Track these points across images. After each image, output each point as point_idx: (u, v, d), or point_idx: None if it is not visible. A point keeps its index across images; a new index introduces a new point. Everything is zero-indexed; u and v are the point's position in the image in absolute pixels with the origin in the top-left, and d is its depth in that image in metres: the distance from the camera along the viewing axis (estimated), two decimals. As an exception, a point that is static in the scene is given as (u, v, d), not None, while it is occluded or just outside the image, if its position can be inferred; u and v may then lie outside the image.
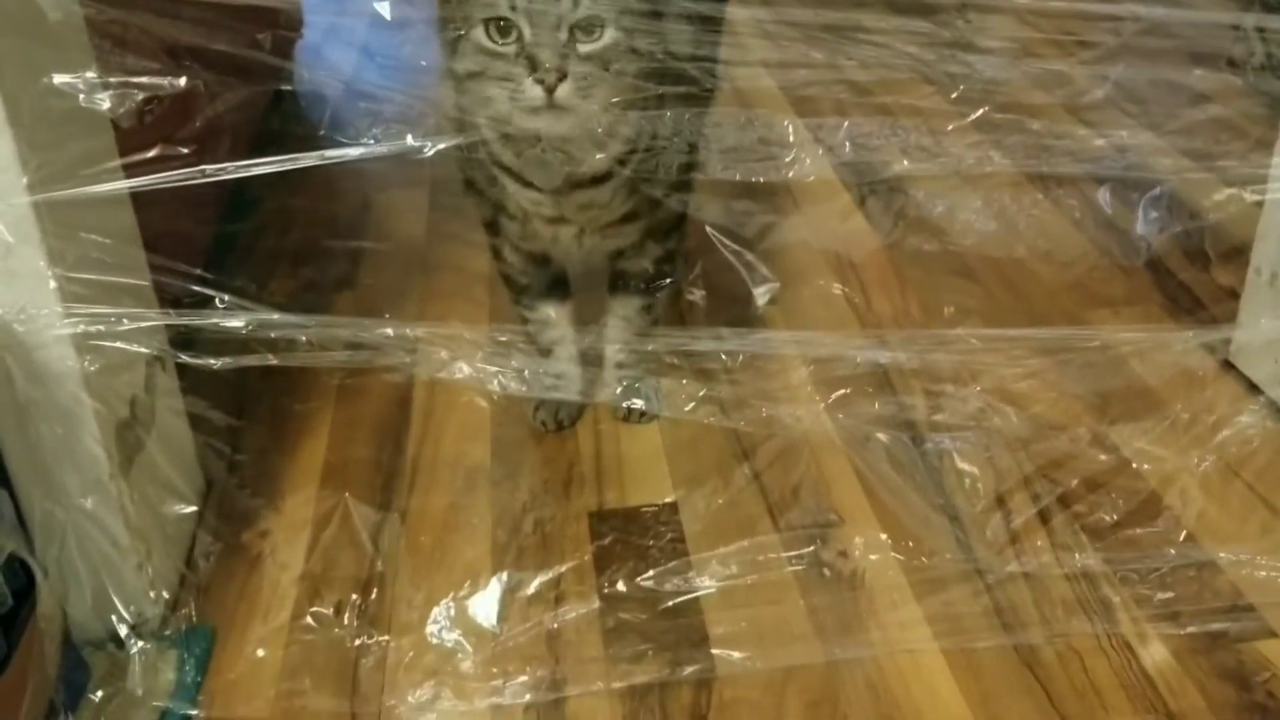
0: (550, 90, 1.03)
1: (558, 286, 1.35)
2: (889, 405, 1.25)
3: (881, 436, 1.20)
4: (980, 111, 1.05)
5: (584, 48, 1.04)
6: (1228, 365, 1.39)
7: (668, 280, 1.30)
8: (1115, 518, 1.18)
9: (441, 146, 0.99)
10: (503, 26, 1.03)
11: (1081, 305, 1.53)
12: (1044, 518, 1.19)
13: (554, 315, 1.34)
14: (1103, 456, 1.26)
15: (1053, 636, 1.06)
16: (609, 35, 1.04)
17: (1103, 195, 1.25)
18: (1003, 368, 1.20)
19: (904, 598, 1.10)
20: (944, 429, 1.23)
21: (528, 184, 1.16)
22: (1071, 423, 1.28)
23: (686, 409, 1.22)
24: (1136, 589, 1.10)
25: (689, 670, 1.04)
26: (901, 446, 1.21)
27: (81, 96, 0.91)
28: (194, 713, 1.03)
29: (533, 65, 1.02)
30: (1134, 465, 1.25)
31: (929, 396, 1.27)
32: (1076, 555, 1.14)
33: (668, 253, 1.29)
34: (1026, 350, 1.22)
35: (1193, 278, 1.56)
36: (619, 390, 1.32)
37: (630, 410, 1.35)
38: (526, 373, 1.14)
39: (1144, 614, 1.07)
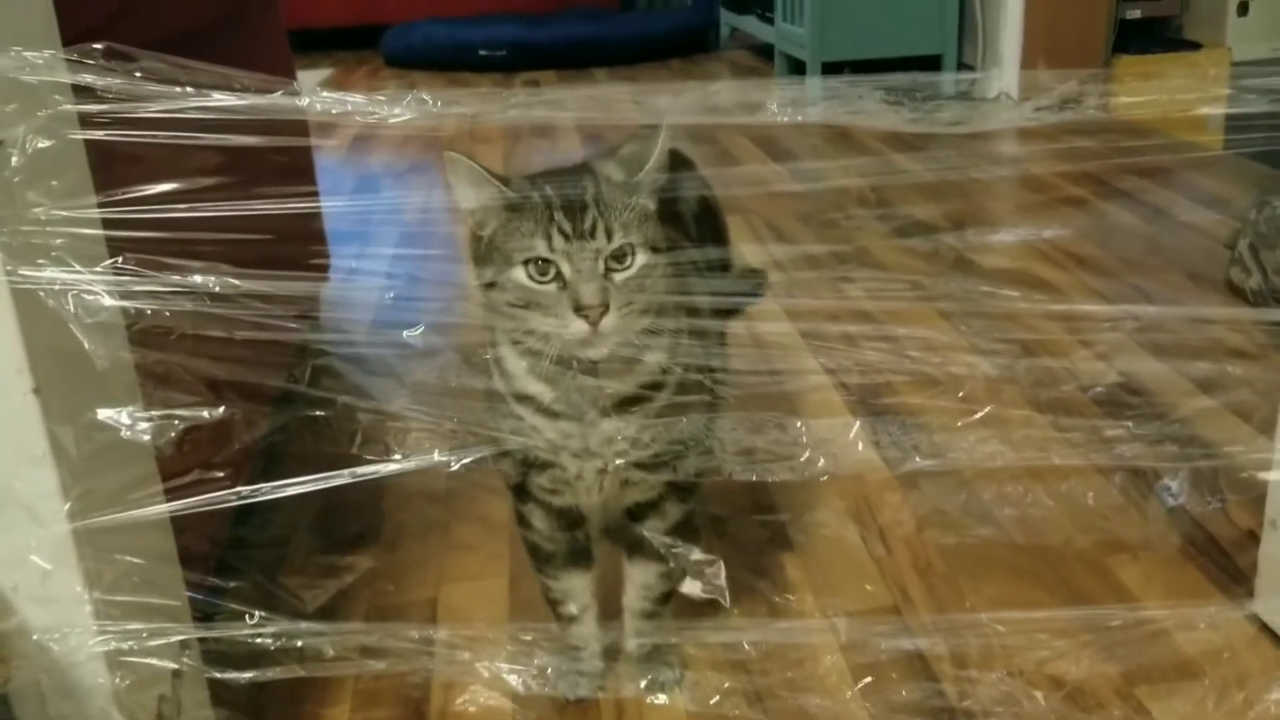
0: (595, 324, 1.07)
1: (581, 556, 1.35)
2: (917, 691, 1.23)
3: (911, 726, 1.18)
4: (986, 409, 1.08)
5: (619, 276, 1.09)
6: (1258, 623, 1.37)
7: (680, 554, 1.30)
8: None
9: (467, 461, 1.03)
10: (542, 266, 1.08)
11: (1100, 550, 1.52)
12: (1085, 806, 1.16)
13: (576, 584, 1.34)
14: (1139, 735, 1.23)
15: None
16: (640, 258, 1.09)
17: (1115, 483, 1.28)
18: (1029, 650, 1.19)
19: None
20: (975, 715, 1.21)
21: (554, 415, 1.19)
22: (1105, 701, 1.26)
23: (712, 701, 1.21)
24: None
25: None
26: (932, 735, 1.19)
27: (124, 430, 0.95)
28: None
29: (576, 304, 1.07)
30: (1172, 742, 1.22)
31: (958, 682, 1.25)
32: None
33: (686, 517, 1.31)
34: (1053, 632, 1.21)
35: (1207, 516, 1.55)
36: (643, 684, 1.31)
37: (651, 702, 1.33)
38: (550, 670, 1.14)
39: None
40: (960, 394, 1.09)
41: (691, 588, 1.13)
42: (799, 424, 1.07)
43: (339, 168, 3.80)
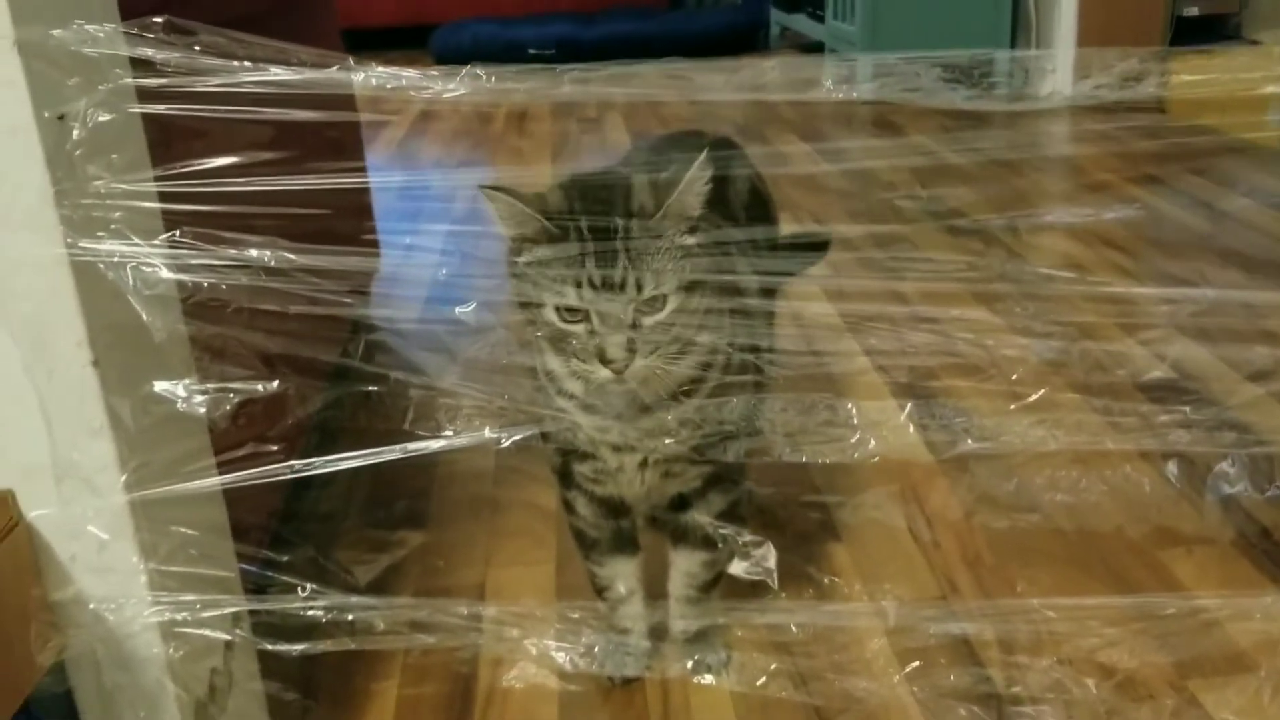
0: (619, 373, 1.07)
1: (626, 543, 1.36)
2: (966, 677, 1.23)
3: (960, 711, 1.17)
4: (1039, 393, 1.07)
5: (648, 319, 1.08)
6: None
7: (729, 536, 1.30)
8: (1210, 791, 1.14)
9: (517, 438, 1.03)
10: (572, 310, 1.08)
11: (1154, 544, 1.50)
12: (1134, 794, 1.14)
13: (622, 570, 1.35)
14: (1189, 727, 1.21)
15: None
16: (672, 302, 1.09)
17: (1169, 470, 1.26)
18: (1079, 638, 1.17)
19: None
20: (1024, 702, 1.20)
21: (592, 410, 1.19)
22: (1156, 691, 1.25)
23: (759, 683, 1.21)
24: None
25: None
26: (980, 721, 1.18)
27: (180, 402, 0.97)
28: None
29: (602, 355, 1.07)
30: (1224, 734, 1.21)
31: (1007, 668, 1.24)
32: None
33: (731, 506, 1.31)
34: (1104, 620, 1.20)
35: (1262, 506, 1.53)
36: (689, 665, 1.31)
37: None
38: (597, 649, 1.14)
39: None
40: (1013, 378, 1.08)
41: (739, 569, 1.13)
42: (849, 406, 1.07)
43: (394, 153, 3.84)
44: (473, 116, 4.38)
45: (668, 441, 1.18)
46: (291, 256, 0.95)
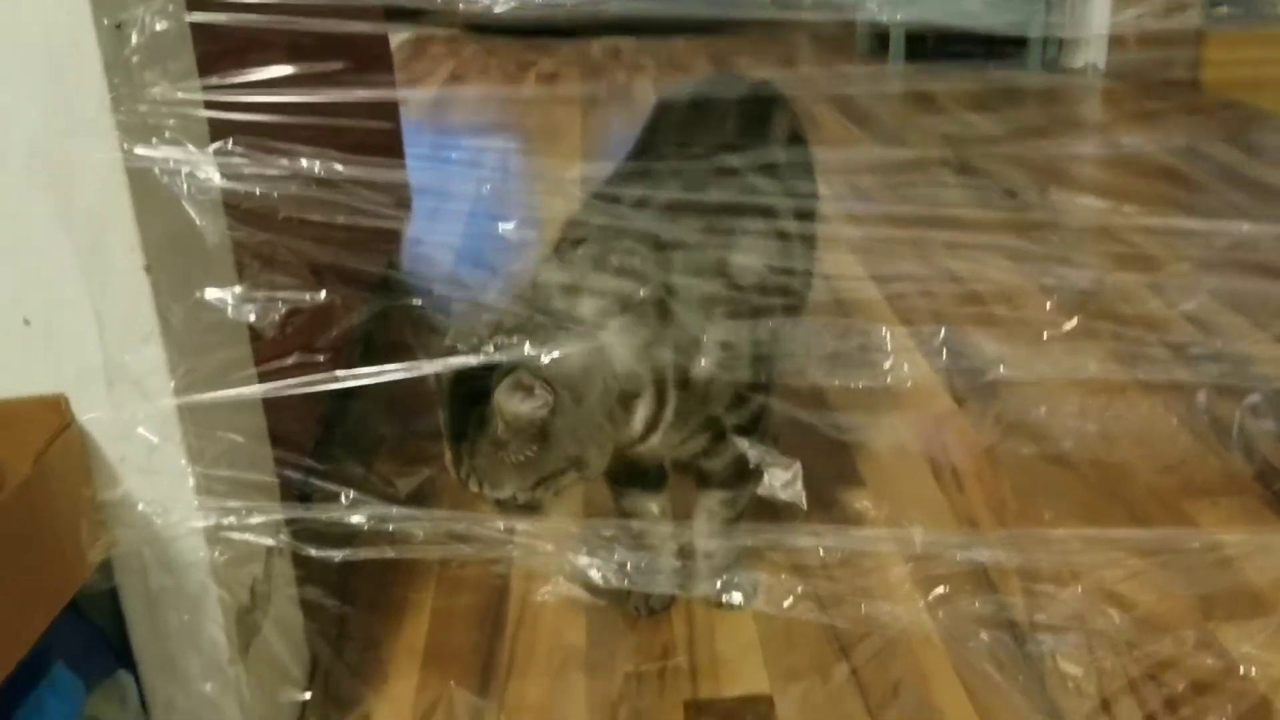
0: None
1: (651, 481, 1.38)
2: (989, 604, 1.25)
3: (983, 636, 1.19)
4: (1073, 322, 1.08)
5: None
6: (1336, 563, 1.36)
7: (747, 479, 1.32)
8: (1226, 724, 1.16)
9: (555, 355, 1.05)
10: None
11: (1178, 495, 1.51)
12: (1152, 722, 1.16)
13: (650, 506, 1.37)
14: (1210, 660, 1.23)
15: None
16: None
17: (1199, 401, 1.27)
18: (1104, 569, 1.19)
19: (1009, 802, 1.08)
20: (1046, 629, 1.22)
21: None
22: (1176, 625, 1.26)
23: (784, 604, 1.23)
24: (1249, 798, 1.07)
25: None
26: (1003, 646, 1.20)
27: (230, 310, 0.99)
28: None
29: None
30: (1242, 670, 1.22)
31: (1029, 596, 1.26)
32: (1187, 761, 1.11)
33: (753, 419, 1.31)
34: (1127, 551, 1.21)
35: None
36: (718, 585, 1.33)
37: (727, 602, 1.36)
38: (629, 566, 1.16)
39: (1259, 825, 1.04)
40: (1046, 307, 1.09)
41: (769, 488, 1.14)
42: (883, 330, 1.08)
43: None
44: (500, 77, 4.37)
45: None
46: (339, 167, 0.97)
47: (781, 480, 1.09)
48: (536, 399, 1.04)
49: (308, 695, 1.19)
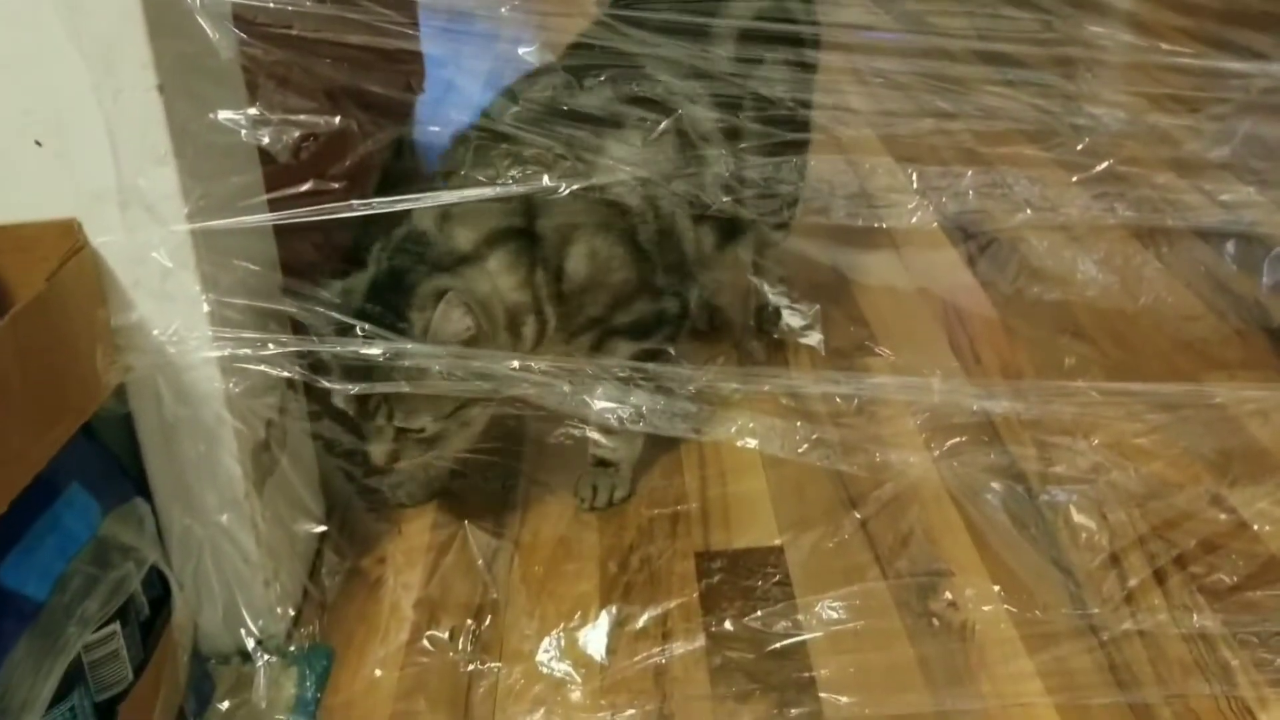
0: None
1: None
2: (1003, 456, 1.24)
3: (995, 486, 1.19)
4: (1104, 165, 1.05)
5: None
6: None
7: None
8: (1234, 580, 1.16)
9: (575, 187, 1.03)
10: None
11: (1197, 367, 1.50)
12: (1160, 577, 1.17)
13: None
14: (1222, 517, 1.23)
15: (1169, 697, 1.04)
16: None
17: (1227, 250, 1.24)
18: (1120, 423, 1.18)
19: (1015, 651, 1.09)
20: (1059, 482, 1.22)
21: None
22: (1190, 481, 1.26)
23: (800, 450, 1.23)
24: (1256, 653, 1.08)
25: (795, 712, 1.04)
26: (1015, 498, 1.20)
27: (244, 132, 0.96)
28: (313, 728, 1.06)
29: None
30: (1254, 527, 1.23)
31: (1043, 449, 1.26)
32: (1194, 616, 1.12)
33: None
34: (1146, 406, 1.20)
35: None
36: (733, 430, 1.32)
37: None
38: (645, 409, 1.16)
39: (1264, 678, 1.05)
40: (1078, 148, 1.06)
41: (789, 327, 1.13)
42: (910, 171, 1.05)
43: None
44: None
45: None
46: (356, -16, 0.94)
47: (800, 323, 1.08)
48: (468, 319, 1.07)
49: (320, 529, 1.20)
